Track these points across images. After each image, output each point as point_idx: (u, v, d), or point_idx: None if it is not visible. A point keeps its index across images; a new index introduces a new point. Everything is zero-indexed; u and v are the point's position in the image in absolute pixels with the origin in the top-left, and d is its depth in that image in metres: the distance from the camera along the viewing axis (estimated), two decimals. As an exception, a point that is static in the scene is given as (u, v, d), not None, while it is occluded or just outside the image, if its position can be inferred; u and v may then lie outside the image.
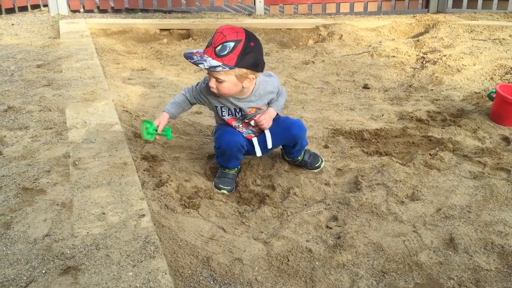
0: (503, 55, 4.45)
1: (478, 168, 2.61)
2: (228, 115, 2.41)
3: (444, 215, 2.20)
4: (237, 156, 2.45)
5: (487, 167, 2.60)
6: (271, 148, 2.55)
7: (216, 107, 2.39)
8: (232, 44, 2.11)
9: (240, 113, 2.39)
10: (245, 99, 2.33)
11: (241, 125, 2.46)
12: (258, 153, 2.50)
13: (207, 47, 2.17)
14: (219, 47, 2.12)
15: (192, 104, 2.49)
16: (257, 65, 2.21)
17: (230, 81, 2.19)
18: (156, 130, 2.32)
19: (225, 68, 2.13)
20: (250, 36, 2.16)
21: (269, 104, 2.45)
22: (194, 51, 2.21)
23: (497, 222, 2.13)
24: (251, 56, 2.16)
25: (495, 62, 4.26)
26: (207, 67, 2.12)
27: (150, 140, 2.49)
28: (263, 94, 2.36)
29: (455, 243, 2.00)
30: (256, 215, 2.23)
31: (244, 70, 2.18)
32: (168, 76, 4.19)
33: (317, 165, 2.64)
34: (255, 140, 2.49)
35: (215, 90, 2.25)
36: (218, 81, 2.19)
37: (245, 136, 2.48)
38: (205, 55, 2.15)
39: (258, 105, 2.37)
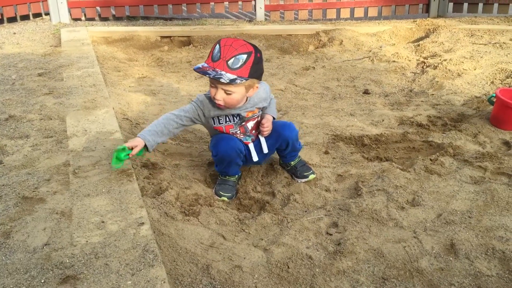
0: (503, 59, 4.44)
1: (479, 173, 2.60)
2: (226, 122, 2.41)
3: (444, 220, 2.19)
4: (237, 161, 2.44)
5: (488, 172, 2.59)
6: (267, 154, 2.54)
7: (213, 118, 2.39)
8: (244, 56, 2.14)
9: (238, 118, 2.39)
10: (241, 107, 2.36)
11: (238, 131, 2.46)
12: (255, 157, 2.49)
13: (214, 60, 2.15)
14: (231, 60, 2.12)
15: (179, 129, 2.38)
16: (262, 74, 2.28)
17: (239, 92, 2.22)
18: (128, 155, 2.21)
19: (242, 81, 2.15)
20: (255, 47, 2.20)
21: (262, 110, 2.49)
22: (200, 65, 2.19)
23: (498, 227, 2.12)
24: (259, 66, 2.22)
25: (495, 66, 4.25)
26: (228, 80, 2.12)
27: (116, 168, 2.27)
28: (257, 101, 2.41)
29: (456, 248, 1.99)
30: (256, 222, 2.23)
31: (254, 80, 2.23)
32: (169, 83, 4.20)
33: (306, 174, 2.58)
34: (251, 146, 2.49)
35: (221, 103, 2.24)
36: (227, 93, 2.20)
37: (243, 142, 2.48)
38: (217, 69, 2.14)
39: (253, 109, 2.42)
